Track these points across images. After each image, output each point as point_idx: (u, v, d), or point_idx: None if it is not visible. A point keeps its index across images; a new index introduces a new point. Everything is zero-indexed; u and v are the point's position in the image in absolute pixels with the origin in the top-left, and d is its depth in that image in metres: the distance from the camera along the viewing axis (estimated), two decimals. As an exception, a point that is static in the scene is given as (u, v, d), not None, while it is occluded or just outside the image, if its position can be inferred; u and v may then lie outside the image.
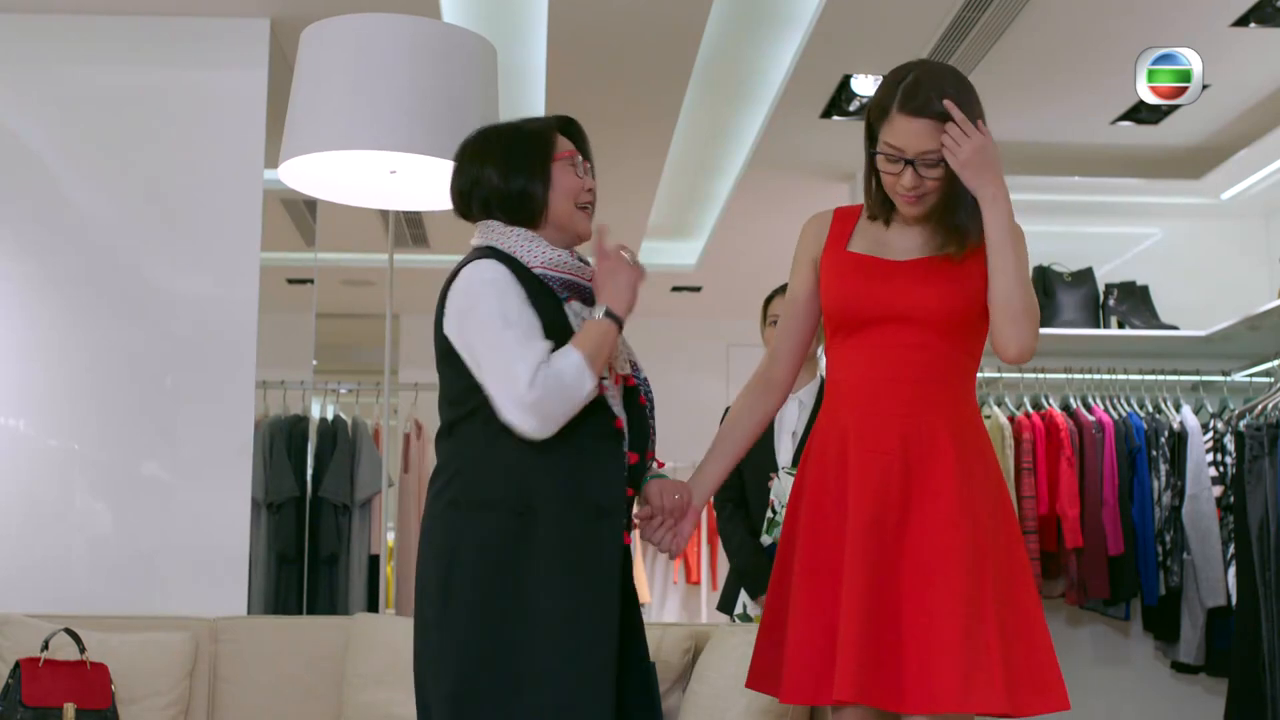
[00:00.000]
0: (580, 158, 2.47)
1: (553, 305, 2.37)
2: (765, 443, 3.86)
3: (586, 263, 2.46)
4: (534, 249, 2.40)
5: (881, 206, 2.46)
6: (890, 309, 2.38)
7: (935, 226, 2.40)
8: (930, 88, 2.34)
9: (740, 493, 3.80)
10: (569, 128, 2.51)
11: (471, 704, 2.28)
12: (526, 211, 2.42)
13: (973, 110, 2.37)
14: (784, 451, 3.75)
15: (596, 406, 2.33)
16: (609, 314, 2.35)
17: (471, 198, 2.46)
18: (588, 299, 2.42)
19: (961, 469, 2.32)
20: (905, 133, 2.34)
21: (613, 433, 2.36)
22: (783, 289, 3.90)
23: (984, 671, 2.22)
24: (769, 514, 3.66)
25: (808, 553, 2.40)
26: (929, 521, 2.30)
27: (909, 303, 2.37)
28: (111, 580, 4.35)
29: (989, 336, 2.41)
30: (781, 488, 3.59)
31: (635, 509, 2.48)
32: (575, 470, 2.32)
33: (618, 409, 2.37)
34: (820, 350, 3.77)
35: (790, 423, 3.79)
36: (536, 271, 2.38)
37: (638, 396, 2.47)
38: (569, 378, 2.27)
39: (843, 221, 2.52)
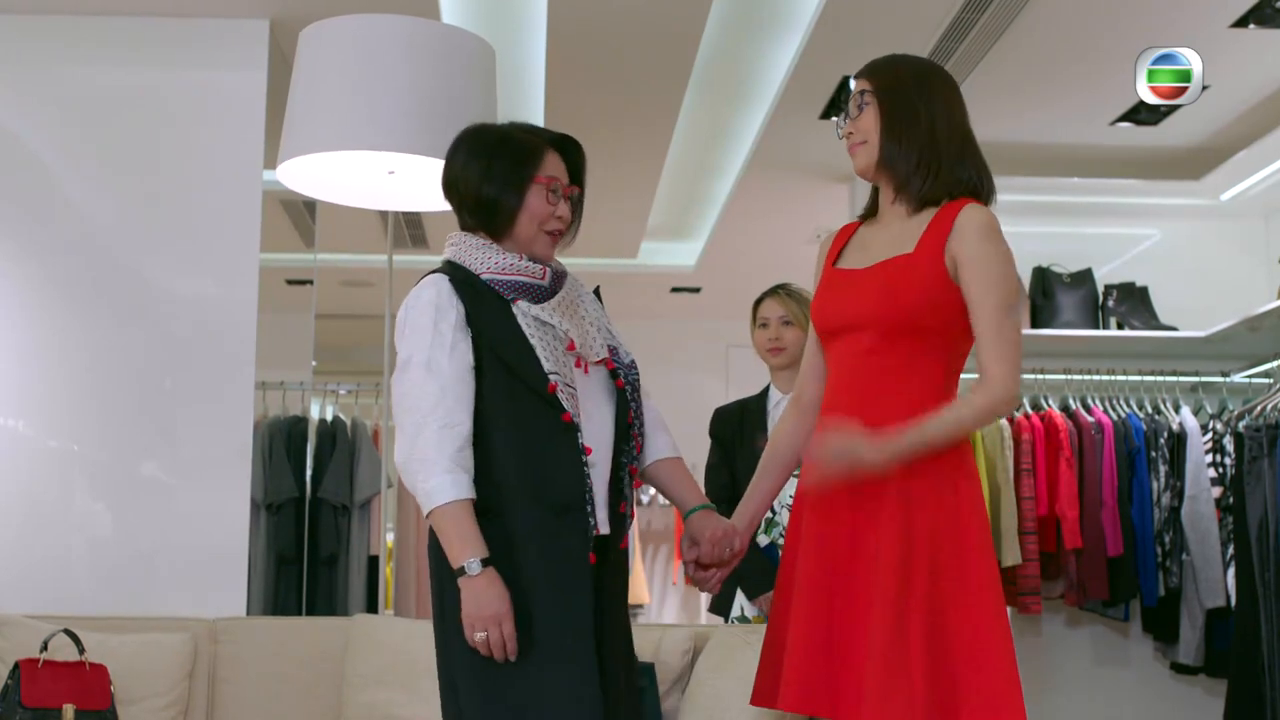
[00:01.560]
0: (560, 185, 2.48)
1: (500, 308, 2.40)
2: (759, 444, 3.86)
3: (539, 263, 2.48)
4: (483, 256, 2.45)
5: (869, 198, 2.54)
6: (843, 318, 2.42)
7: (895, 197, 2.45)
8: (884, 59, 2.47)
9: (733, 493, 3.80)
10: (568, 149, 2.53)
11: (460, 700, 2.34)
12: (492, 220, 2.46)
13: (934, 86, 2.43)
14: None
15: (546, 404, 2.35)
16: (466, 568, 2.28)
17: (452, 191, 2.51)
18: (538, 296, 2.44)
19: (905, 479, 2.30)
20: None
21: (564, 428, 2.36)
22: (771, 292, 3.91)
23: (902, 692, 2.20)
24: (767, 514, 3.66)
25: (784, 564, 2.46)
26: (869, 535, 2.31)
27: (856, 310, 2.39)
28: (111, 581, 4.34)
29: None
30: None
31: (684, 544, 2.54)
32: (532, 469, 2.34)
33: (569, 403, 2.37)
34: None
35: (782, 424, 3.80)
36: (484, 278, 2.42)
37: (615, 380, 2.49)
38: (417, 484, 2.31)
39: (841, 237, 2.57)
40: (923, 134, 2.39)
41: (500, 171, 2.45)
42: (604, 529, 2.42)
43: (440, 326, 2.36)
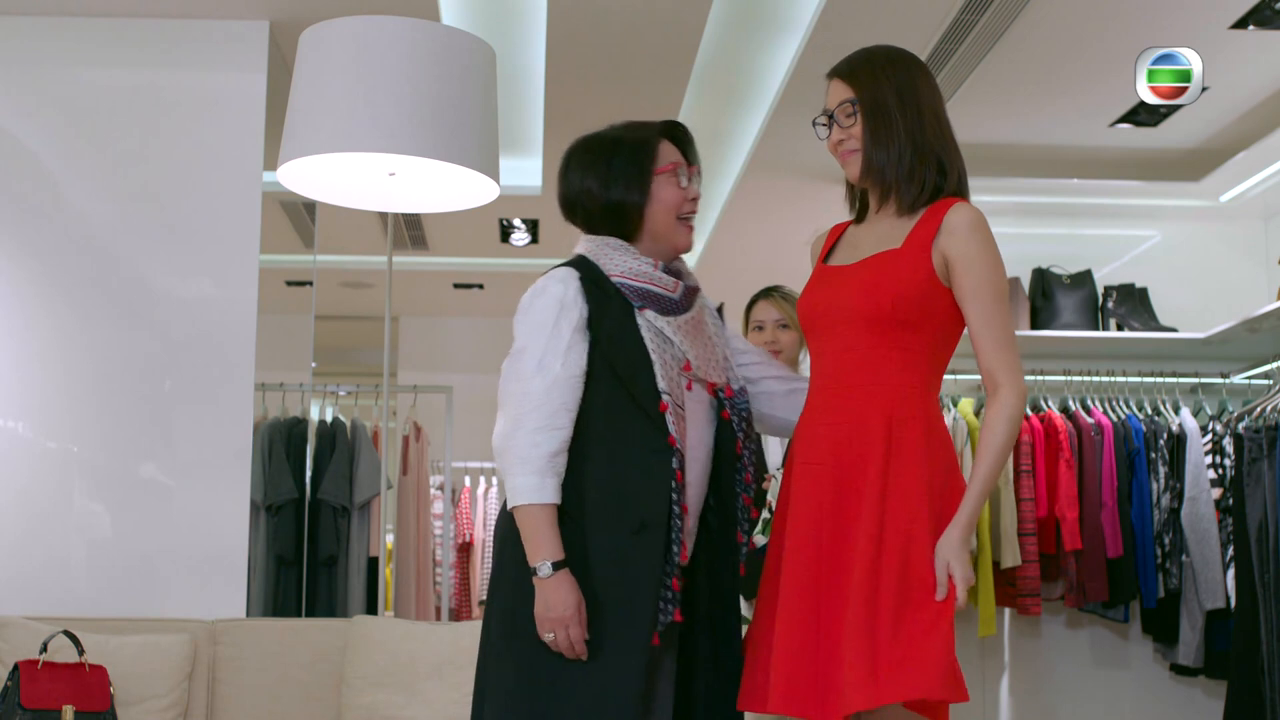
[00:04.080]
0: (686, 166, 2.52)
1: (624, 314, 2.40)
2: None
3: (677, 274, 2.50)
4: (617, 258, 2.44)
5: (853, 197, 2.55)
6: (826, 315, 2.42)
7: (881, 201, 2.46)
8: (857, 54, 2.51)
9: None
10: (676, 133, 2.56)
11: (503, 700, 2.33)
12: (623, 222, 2.47)
13: (915, 85, 2.44)
14: (773, 454, 3.76)
15: (651, 422, 2.35)
16: (538, 569, 2.29)
17: (575, 207, 2.52)
18: (666, 308, 2.43)
19: (885, 477, 2.30)
20: (829, 95, 2.52)
21: (663, 448, 2.34)
22: (765, 294, 3.91)
23: (857, 674, 2.21)
24: (765, 515, 3.67)
25: (769, 563, 2.47)
26: (851, 533, 2.31)
27: (837, 306, 2.40)
28: (110, 582, 4.34)
29: None
30: (778, 489, 3.60)
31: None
32: (622, 482, 2.34)
33: (674, 426, 2.35)
34: (803, 354, 3.81)
35: (776, 426, 3.81)
36: (614, 280, 2.42)
37: (721, 411, 2.47)
38: (506, 476, 2.32)
39: (833, 235, 2.58)
40: (907, 141, 2.40)
41: (621, 174, 2.47)
42: (686, 556, 2.39)
43: (560, 325, 2.36)
